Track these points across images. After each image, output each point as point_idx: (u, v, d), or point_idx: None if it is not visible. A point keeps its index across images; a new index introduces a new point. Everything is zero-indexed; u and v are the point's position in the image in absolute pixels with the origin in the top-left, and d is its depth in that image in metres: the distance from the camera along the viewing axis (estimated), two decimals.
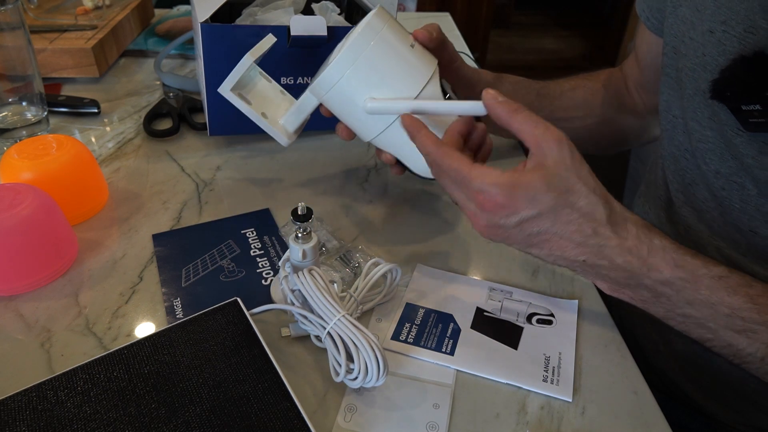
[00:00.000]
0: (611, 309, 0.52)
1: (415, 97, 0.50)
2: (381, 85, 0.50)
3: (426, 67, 0.51)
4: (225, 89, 0.57)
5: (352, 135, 0.56)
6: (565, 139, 0.43)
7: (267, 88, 0.63)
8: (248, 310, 0.46)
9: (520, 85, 0.66)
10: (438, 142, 0.46)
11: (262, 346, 0.43)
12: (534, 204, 0.42)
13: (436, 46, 0.56)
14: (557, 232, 0.43)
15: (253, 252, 0.56)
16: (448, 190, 0.47)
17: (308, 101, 0.56)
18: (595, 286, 0.48)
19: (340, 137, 0.57)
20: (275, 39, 0.61)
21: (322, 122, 0.59)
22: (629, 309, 0.47)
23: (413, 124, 0.48)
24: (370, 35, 0.49)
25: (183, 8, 1.11)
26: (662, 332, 0.63)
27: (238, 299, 0.47)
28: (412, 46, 0.52)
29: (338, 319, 0.41)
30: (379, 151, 0.56)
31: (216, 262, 0.54)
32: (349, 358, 0.41)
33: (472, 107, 0.47)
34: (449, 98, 0.54)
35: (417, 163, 0.53)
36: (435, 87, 0.51)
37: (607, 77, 0.74)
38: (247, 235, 0.58)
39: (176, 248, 0.56)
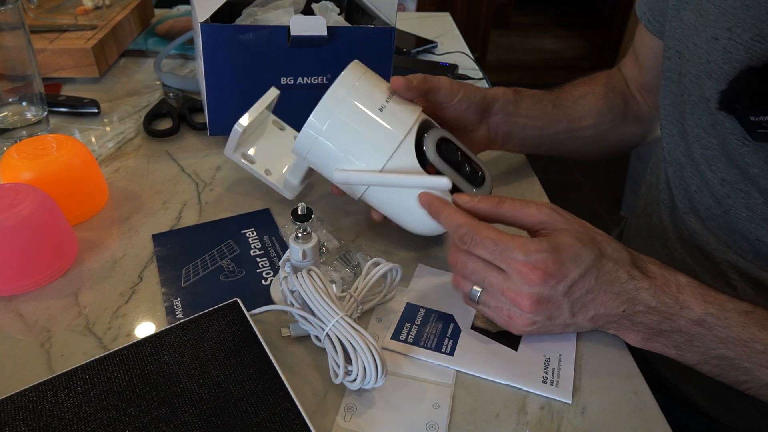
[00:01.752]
0: None
1: (383, 167, 0.49)
2: (346, 158, 0.50)
3: (397, 130, 0.49)
4: (228, 152, 0.59)
5: (342, 192, 0.56)
6: (556, 207, 0.46)
7: (279, 137, 0.63)
8: (248, 310, 0.46)
9: (537, 98, 0.66)
10: (468, 215, 0.45)
11: (262, 347, 0.43)
12: (578, 262, 0.42)
13: (420, 95, 0.54)
14: (601, 287, 0.43)
15: (253, 252, 0.56)
16: (477, 277, 0.44)
17: (299, 162, 0.58)
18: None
19: (333, 193, 0.57)
20: (278, 92, 0.61)
21: None
22: None
23: (433, 202, 0.47)
24: (331, 107, 0.49)
25: (183, 8, 1.11)
26: None
27: (239, 300, 0.47)
28: (381, 109, 0.50)
29: (336, 321, 0.41)
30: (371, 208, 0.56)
31: (216, 262, 0.54)
32: (348, 360, 0.41)
33: (436, 182, 0.48)
34: (451, 146, 0.52)
35: (406, 221, 0.53)
36: (406, 151, 0.49)
37: (607, 80, 0.73)
38: (247, 235, 0.58)
39: (176, 248, 0.56)
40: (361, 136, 0.50)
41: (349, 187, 0.53)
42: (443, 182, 0.48)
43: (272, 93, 0.61)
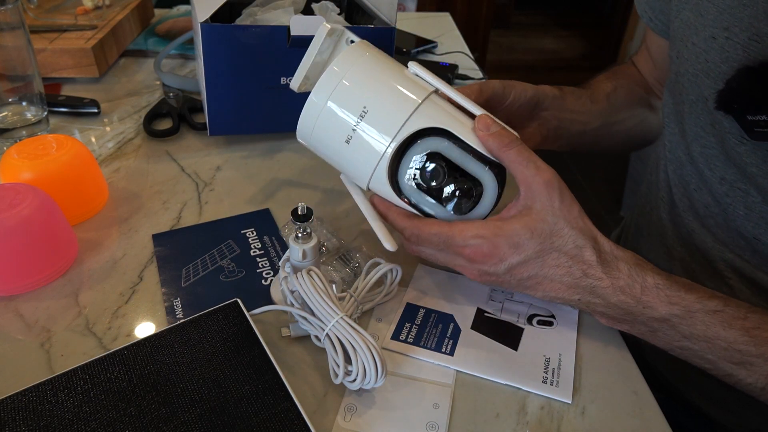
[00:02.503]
0: None
1: (366, 186, 0.48)
2: (340, 161, 0.49)
3: (364, 165, 0.46)
4: (294, 85, 0.54)
5: None
6: (555, 181, 0.44)
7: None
8: (248, 310, 0.46)
9: (577, 94, 0.65)
10: (410, 215, 0.47)
11: (262, 347, 0.43)
12: (519, 251, 0.44)
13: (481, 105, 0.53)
14: (547, 276, 0.45)
15: (253, 252, 0.56)
16: (432, 260, 0.49)
17: None
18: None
19: None
20: (328, 27, 0.51)
21: None
22: None
23: (380, 204, 0.49)
24: (307, 127, 0.48)
25: (183, 8, 1.11)
26: None
27: (239, 300, 0.47)
28: (348, 141, 0.46)
29: (336, 321, 0.41)
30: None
31: (216, 262, 0.54)
32: (348, 360, 0.41)
33: (385, 243, 0.47)
34: (436, 167, 0.46)
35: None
36: (380, 180, 0.47)
37: (628, 73, 0.73)
38: (247, 235, 0.58)
39: (176, 248, 0.56)
40: (337, 160, 0.49)
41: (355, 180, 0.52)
42: (388, 246, 0.47)
43: (322, 30, 0.50)
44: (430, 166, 0.45)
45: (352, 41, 0.52)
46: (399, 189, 0.47)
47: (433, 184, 0.46)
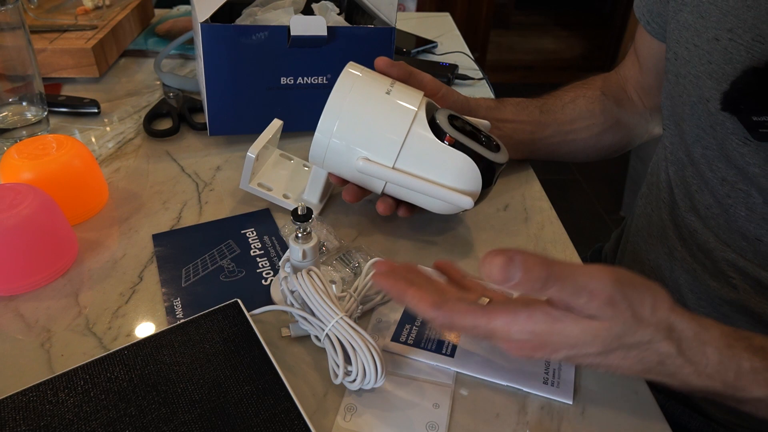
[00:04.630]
0: None
1: (401, 146, 0.51)
2: (364, 151, 0.52)
3: (408, 105, 0.52)
4: (244, 184, 0.59)
5: (357, 197, 0.57)
6: (617, 293, 0.36)
7: (289, 166, 0.65)
8: (248, 310, 0.46)
9: (522, 105, 0.67)
10: (437, 303, 0.38)
11: (263, 347, 0.43)
12: (576, 348, 0.37)
13: (404, 77, 0.57)
14: (612, 364, 0.38)
15: (253, 252, 0.56)
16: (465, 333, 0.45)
17: (317, 172, 0.58)
18: None
19: (345, 200, 0.58)
20: (281, 122, 0.62)
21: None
22: None
23: (395, 290, 0.40)
24: (337, 105, 0.51)
25: (183, 8, 1.11)
26: None
27: (239, 300, 0.47)
28: (388, 92, 0.52)
29: (336, 321, 0.41)
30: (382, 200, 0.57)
31: (216, 262, 0.54)
32: (348, 360, 0.41)
33: (459, 201, 0.51)
34: (461, 120, 0.54)
35: (428, 206, 0.55)
36: (420, 126, 0.52)
37: (603, 83, 0.74)
38: (247, 235, 0.58)
39: (176, 248, 0.56)
40: (373, 122, 0.52)
41: (368, 183, 0.54)
42: (465, 202, 0.50)
43: (275, 124, 0.61)
44: (457, 118, 0.54)
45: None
46: (440, 132, 0.52)
47: (463, 129, 0.53)
